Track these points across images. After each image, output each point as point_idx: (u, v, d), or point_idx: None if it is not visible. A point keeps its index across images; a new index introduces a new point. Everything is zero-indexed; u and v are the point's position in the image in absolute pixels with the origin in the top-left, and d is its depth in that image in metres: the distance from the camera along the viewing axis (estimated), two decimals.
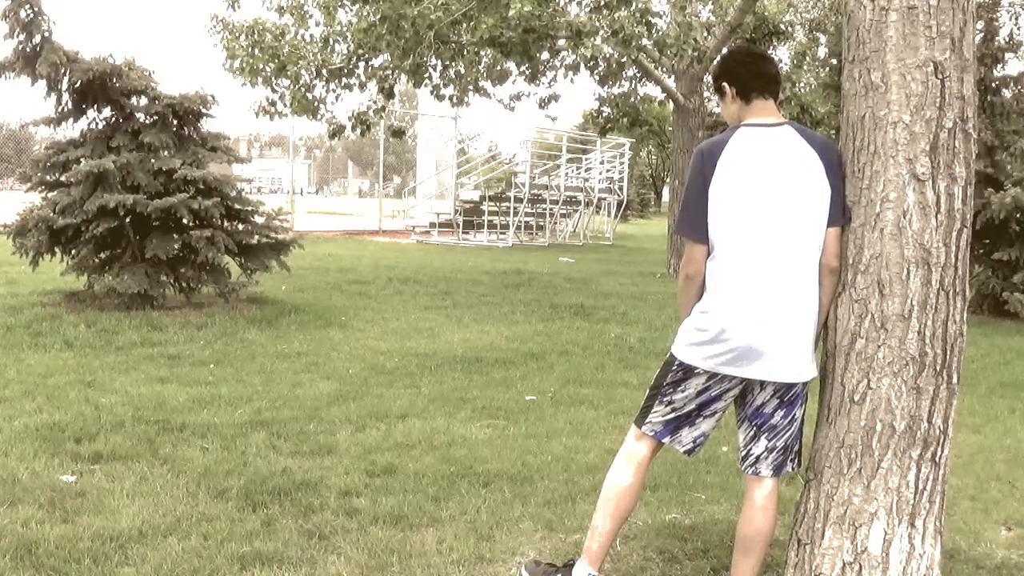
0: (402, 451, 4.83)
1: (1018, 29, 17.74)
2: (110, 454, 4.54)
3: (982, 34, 12.02)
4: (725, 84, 3.09)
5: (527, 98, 16.03)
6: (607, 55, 13.29)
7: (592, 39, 11.13)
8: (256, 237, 9.59)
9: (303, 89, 13.58)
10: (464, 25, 12.05)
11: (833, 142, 3.04)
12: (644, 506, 4.01)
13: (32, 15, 8.66)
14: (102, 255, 9.18)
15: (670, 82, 15.28)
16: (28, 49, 8.72)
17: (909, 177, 2.78)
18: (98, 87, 8.94)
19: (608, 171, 27.43)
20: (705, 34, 14.36)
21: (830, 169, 2.91)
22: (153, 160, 9.00)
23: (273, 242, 9.64)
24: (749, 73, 3.07)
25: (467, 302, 10.76)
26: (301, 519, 3.80)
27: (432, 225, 24.52)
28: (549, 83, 15.12)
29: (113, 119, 9.26)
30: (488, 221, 23.84)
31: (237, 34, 13.33)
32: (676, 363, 3.04)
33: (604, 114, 16.82)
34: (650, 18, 11.39)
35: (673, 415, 3.08)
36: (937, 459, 2.87)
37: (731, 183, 2.93)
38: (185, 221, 8.74)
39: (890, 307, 2.80)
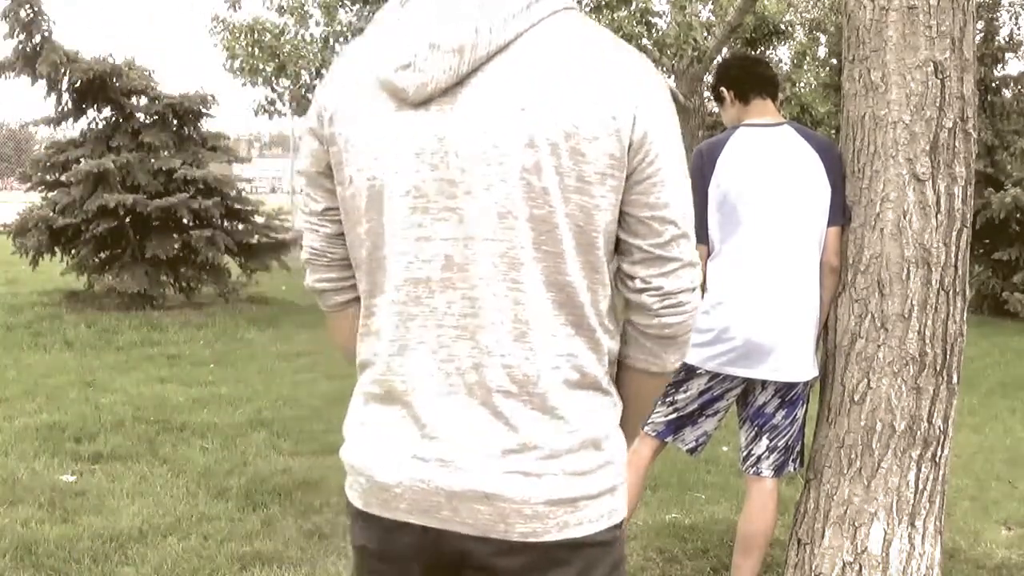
0: None
1: (1018, 29, 17.70)
2: (110, 454, 4.54)
3: (982, 34, 11.99)
4: (723, 89, 3.13)
5: None
6: None
7: None
8: (256, 237, 9.60)
9: (303, 89, 13.58)
10: None
11: (833, 142, 3.05)
12: (644, 506, 4.00)
13: (32, 15, 8.67)
14: (102, 255, 9.18)
15: (670, 82, 15.27)
16: (28, 49, 8.74)
17: (909, 177, 2.77)
18: (98, 87, 8.95)
19: None
20: (705, 34, 14.35)
21: (830, 169, 2.91)
22: (153, 160, 9.02)
23: (273, 242, 9.65)
24: (744, 74, 3.11)
25: None
26: (301, 519, 3.79)
27: None
28: None
29: (113, 119, 9.27)
30: None
31: (237, 34, 13.34)
32: None
33: None
34: (650, 18, 11.39)
35: (675, 415, 3.08)
36: (937, 459, 2.86)
37: (731, 183, 2.93)
38: (185, 221, 8.75)
39: (890, 307, 2.80)
